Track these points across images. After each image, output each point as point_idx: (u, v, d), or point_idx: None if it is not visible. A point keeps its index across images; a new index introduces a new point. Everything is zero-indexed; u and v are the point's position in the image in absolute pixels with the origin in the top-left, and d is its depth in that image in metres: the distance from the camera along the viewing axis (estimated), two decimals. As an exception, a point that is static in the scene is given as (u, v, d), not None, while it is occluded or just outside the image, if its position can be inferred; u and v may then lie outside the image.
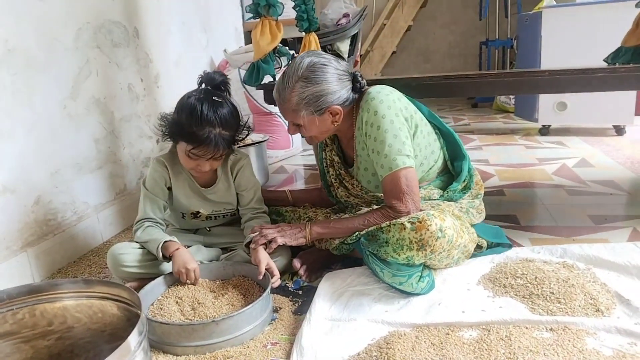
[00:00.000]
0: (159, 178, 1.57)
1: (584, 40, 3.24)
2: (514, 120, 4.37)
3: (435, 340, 1.16)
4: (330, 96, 1.41)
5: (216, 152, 1.45)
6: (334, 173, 1.69)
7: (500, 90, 2.12)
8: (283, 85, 1.43)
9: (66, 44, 1.89)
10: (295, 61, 1.43)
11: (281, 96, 1.44)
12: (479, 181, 1.68)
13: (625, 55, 2.23)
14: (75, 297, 1.10)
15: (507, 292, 1.35)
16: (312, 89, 1.39)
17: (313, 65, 1.40)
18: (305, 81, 1.39)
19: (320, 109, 1.42)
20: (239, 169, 1.64)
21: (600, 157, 2.91)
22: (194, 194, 1.63)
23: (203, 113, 1.39)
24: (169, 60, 2.75)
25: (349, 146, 1.61)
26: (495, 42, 5.26)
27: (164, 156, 1.60)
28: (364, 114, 1.46)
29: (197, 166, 1.49)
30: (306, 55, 1.44)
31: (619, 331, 1.14)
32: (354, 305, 1.35)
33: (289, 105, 1.43)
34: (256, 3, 2.06)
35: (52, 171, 1.81)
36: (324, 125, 1.47)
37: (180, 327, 1.22)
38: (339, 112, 1.45)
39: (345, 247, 1.52)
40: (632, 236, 1.73)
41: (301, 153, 3.62)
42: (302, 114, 1.43)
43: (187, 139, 1.43)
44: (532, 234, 1.81)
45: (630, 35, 2.24)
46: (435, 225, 1.28)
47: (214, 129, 1.41)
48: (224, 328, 1.21)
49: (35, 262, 1.70)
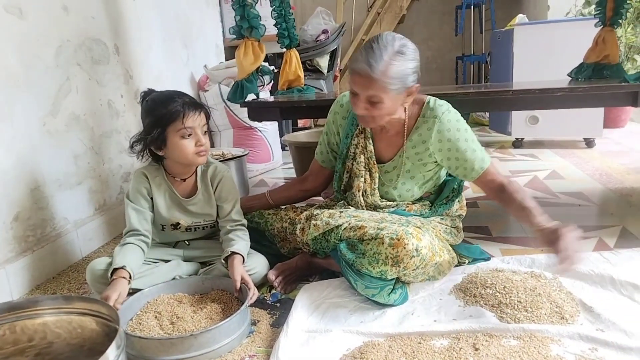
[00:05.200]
0: (141, 188, 1.60)
1: (553, 56, 3.36)
2: (488, 133, 4.48)
3: (408, 349, 1.20)
4: (414, 75, 1.43)
5: (201, 115, 1.53)
6: (364, 160, 1.64)
7: (466, 109, 2.29)
8: (375, 57, 1.37)
9: (47, 61, 1.91)
10: (379, 37, 1.41)
11: (374, 68, 1.37)
12: (463, 206, 1.76)
13: (586, 71, 2.35)
14: (55, 313, 1.12)
15: (477, 302, 1.40)
16: (406, 64, 1.39)
17: (404, 43, 1.41)
18: (400, 55, 1.39)
19: (406, 87, 1.42)
20: (220, 180, 1.67)
21: (571, 169, 3.01)
22: (174, 204, 1.65)
23: (162, 94, 1.55)
24: (150, 76, 2.78)
25: (390, 143, 1.62)
26: (471, 57, 5.40)
27: (144, 168, 1.64)
28: (439, 124, 1.51)
29: (196, 143, 1.53)
30: (385, 33, 1.44)
31: (581, 337, 1.20)
32: (330, 316, 1.39)
33: (382, 78, 1.37)
34: (239, 25, 2.14)
35: (31, 187, 1.82)
36: (396, 104, 1.46)
37: (159, 342, 1.24)
38: (414, 92, 1.47)
39: (323, 243, 1.55)
40: (598, 246, 1.80)
41: (281, 166, 3.66)
42: (392, 88, 1.39)
43: (170, 119, 1.50)
44: (502, 244, 1.88)
45: (591, 52, 2.37)
46: (412, 245, 1.33)
47: (182, 98, 1.52)
48: (203, 341, 1.23)
49: (14, 278, 1.70)
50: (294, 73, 2.54)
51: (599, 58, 2.32)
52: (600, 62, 2.33)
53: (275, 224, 1.74)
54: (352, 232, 1.45)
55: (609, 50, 2.30)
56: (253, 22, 2.16)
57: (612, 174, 2.81)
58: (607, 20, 2.31)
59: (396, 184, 1.63)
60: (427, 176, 1.63)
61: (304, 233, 1.62)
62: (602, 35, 2.32)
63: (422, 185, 1.64)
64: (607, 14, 2.29)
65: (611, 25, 2.31)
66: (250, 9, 2.16)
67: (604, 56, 2.31)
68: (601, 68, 2.33)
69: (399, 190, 1.63)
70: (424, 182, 1.64)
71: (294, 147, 2.78)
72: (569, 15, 4.18)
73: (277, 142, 3.64)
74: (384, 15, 5.66)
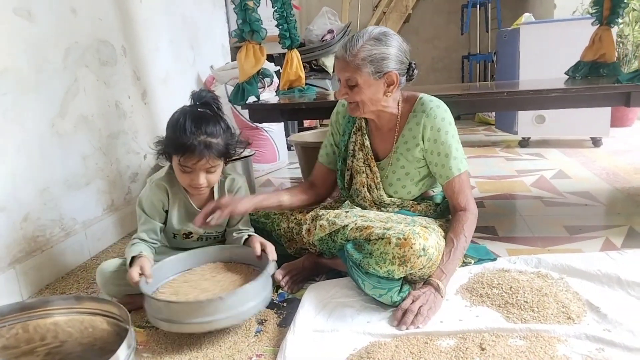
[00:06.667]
0: (157, 201, 1.58)
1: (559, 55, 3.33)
2: (495, 132, 4.48)
3: (414, 349, 1.21)
4: (393, 63, 1.49)
5: (204, 160, 1.45)
6: (362, 157, 1.68)
7: (463, 109, 2.36)
8: (352, 42, 1.49)
9: (55, 63, 1.93)
10: (366, 28, 1.52)
11: (348, 51, 1.48)
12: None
13: (583, 69, 2.36)
14: (67, 313, 1.14)
15: (483, 302, 1.41)
16: (380, 48, 1.47)
17: (385, 32, 1.51)
18: (375, 41, 1.48)
19: (381, 72, 1.48)
20: (236, 190, 1.67)
21: (577, 168, 3.00)
22: (188, 215, 1.63)
23: (186, 122, 1.44)
24: (157, 77, 2.80)
25: (384, 140, 1.66)
26: (477, 56, 5.38)
27: (163, 179, 1.60)
28: (426, 119, 1.55)
29: (191, 181, 1.49)
30: (377, 26, 1.55)
31: (588, 337, 1.20)
32: (337, 316, 1.40)
33: (354, 59, 1.47)
34: (241, 29, 2.16)
35: (41, 188, 1.84)
36: (377, 92, 1.52)
37: (188, 305, 1.28)
38: (395, 82, 1.51)
39: (330, 243, 1.56)
40: (605, 246, 1.80)
41: (287, 166, 3.67)
42: (364, 71, 1.47)
43: (174, 149, 1.47)
44: (509, 244, 1.88)
45: (588, 50, 2.38)
46: (419, 245, 1.34)
47: (198, 137, 1.43)
48: (230, 304, 1.28)
49: (24, 278, 1.72)
50: (295, 73, 2.57)
51: (595, 56, 2.33)
52: (597, 60, 2.34)
53: (281, 225, 1.75)
54: (359, 233, 1.46)
55: (605, 49, 2.31)
56: (254, 26, 2.19)
57: (619, 173, 2.80)
58: (604, 19, 2.32)
59: (392, 180, 1.64)
60: (422, 172, 1.63)
61: (310, 234, 1.63)
62: (598, 34, 2.33)
63: (418, 182, 1.64)
64: (604, 13, 2.30)
65: (608, 24, 2.32)
66: (251, 13, 2.18)
67: (600, 55, 2.32)
68: (598, 66, 2.34)
69: (394, 187, 1.64)
70: (420, 179, 1.64)
71: (300, 147, 2.79)
72: (575, 14, 4.16)
73: (283, 142, 3.65)
74: (390, 15, 5.65)
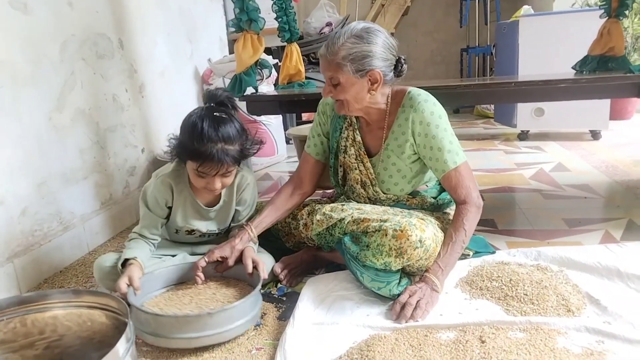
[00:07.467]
0: (161, 198, 1.56)
1: (559, 48, 3.34)
2: (494, 125, 4.47)
3: (414, 342, 1.20)
4: (376, 60, 1.44)
5: (222, 168, 1.43)
6: (354, 153, 1.65)
7: (469, 101, 2.28)
8: (334, 40, 1.45)
9: (52, 57, 1.91)
10: (350, 24, 1.48)
11: (329, 49, 1.45)
12: None
13: (591, 64, 2.33)
14: (65, 307, 1.13)
15: (483, 295, 1.41)
16: (361, 46, 1.42)
17: (368, 28, 1.45)
18: (357, 38, 1.43)
19: (363, 70, 1.44)
20: (245, 187, 1.65)
21: (576, 161, 3.00)
22: (193, 212, 1.61)
23: (204, 129, 1.39)
24: (154, 71, 2.78)
25: (375, 136, 1.62)
26: (476, 49, 5.37)
27: (168, 175, 1.57)
28: (414, 114, 1.50)
29: (207, 184, 1.47)
30: (361, 21, 1.50)
31: (588, 330, 1.20)
32: (336, 309, 1.40)
33: (335, 58, 1.43)
34: (238, 18, 2.12)
35: (38, 182, 1.83)
36: (361, 90, 1.48)
37: (175, 319, 1.26)
38: (379, 80, 1.47)
39: (328, 237, 1.55)
40: (604, 238, 1.80)
41: (286, 160, 3.67)
42: (345, 70, 1.43)
43: (191, 157, 1.44)
44: (508, 237, 1.88)
45: (596, 44, 2.34)
46: (416, 236, 1.33)
47: (216, 145, 1.39)
48: (218, 320, 1.25)
49: (22, 272, 1.71)
50: (295, 67, 2.52)
51: (604, 50, 2.30)
52: (605, 54, 2.30)
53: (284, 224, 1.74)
54: (356, 225, 1.46)
55: (614, 42, 2.27)
56: (252, 14, 2.14)
57: (618, 166, 2.80)
58: (613, 12, 2.28)
59: (384, 177, 1.61)
60: (413, 169, 1.59)
61: (307, 228, 1.62)
62: (607, 27, 2.30)
63: (411, 179, 1.60)
64: (613, 5, 2.27)
65: (616, 16, 2.28)
66: (249, 2, 2.13)
67: (609, 48, 2.29)
68: (606, 60, 2.30)
69: (387, 184, 1.61)
70: (412, 176, 1.59)
71: (299, 141, 2.78)
72: (575, 6, 4.15)
73: (282, 135, 3.64)
74: (388, 7, 5.62)
